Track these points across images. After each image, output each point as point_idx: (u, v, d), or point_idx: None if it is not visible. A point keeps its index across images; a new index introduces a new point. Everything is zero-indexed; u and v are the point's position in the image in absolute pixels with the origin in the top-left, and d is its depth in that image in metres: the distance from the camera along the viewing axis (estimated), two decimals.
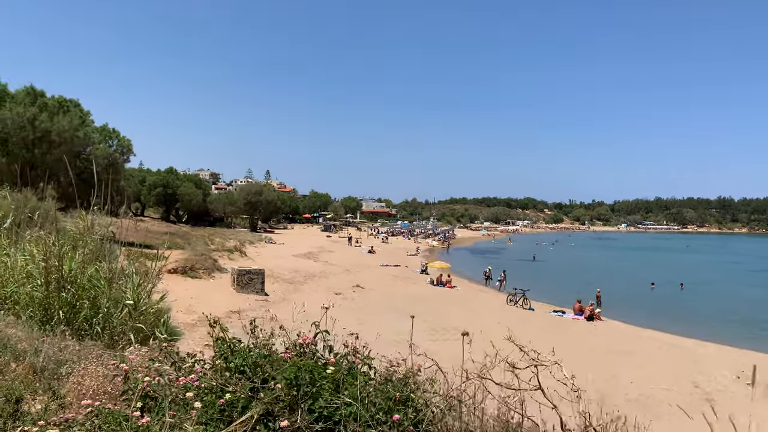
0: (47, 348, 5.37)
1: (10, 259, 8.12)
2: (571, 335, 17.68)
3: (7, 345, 5.12)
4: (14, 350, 4.99)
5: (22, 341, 5.59)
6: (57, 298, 7.35)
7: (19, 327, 6.53)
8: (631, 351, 15.90)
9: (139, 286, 7.75)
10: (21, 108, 24.51)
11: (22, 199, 13.80)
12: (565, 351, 15.20)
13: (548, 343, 15.94)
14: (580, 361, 14.10)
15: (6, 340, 5.15)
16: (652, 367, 13.89)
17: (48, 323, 7.39)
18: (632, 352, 15.78)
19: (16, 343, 5.32)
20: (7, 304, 7.72)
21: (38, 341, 5.80)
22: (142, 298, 7.70)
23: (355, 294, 24.21)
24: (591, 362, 13.90)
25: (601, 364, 13.85)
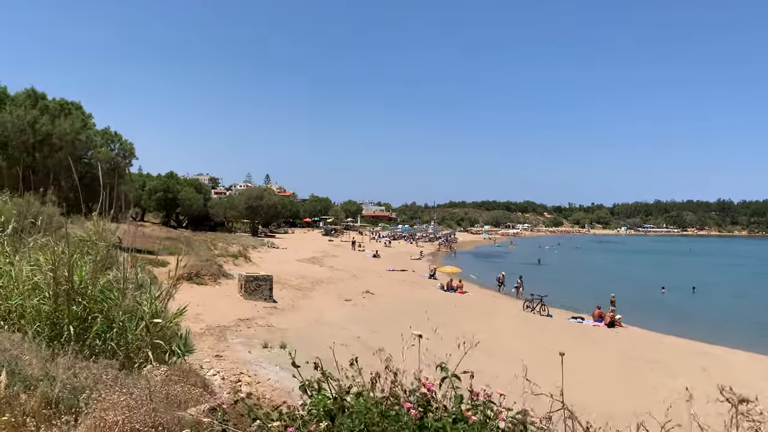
0: (61, 373, 4.71)
1: (14, 269, 7.45)
2: (597, 344, 17.03)
3: (15, 370, 4.46)
4: (24, 377, 4.32)
5: (32, 364, 4.93)
6: (67, 311, 6.69)
7: (25, 346, 5.87)
8: (661, 360, 15.26)
9: (156, 298, 7.10)
10: (21, 111, 23.87)
11: (24, 204, 13.15)
12: (596, 362, 14.50)
13: (577, 354, 15.29)
14: (613, 372, 13.54)
15: (14, 365, 4.48)
16: (688, 377, 13.27)
17: (57, 340, 6.73)
18: (661, 361, 15.15)
19: (25, 367, 4.66)
20: (11, 319, 7.06)
21: (50, 364, 5.14)
22: (160, 310, 7.05)
23: (366, 300, 23.54)
24: (624, 373, 13.30)
25: (634, 375, 13.24)
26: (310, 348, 15.64)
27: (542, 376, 11.01)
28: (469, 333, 15.88)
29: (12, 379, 4.10)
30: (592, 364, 14.22)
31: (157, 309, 6.99)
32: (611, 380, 12.86)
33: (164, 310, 7.13)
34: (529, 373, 8.25)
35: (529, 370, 10.75)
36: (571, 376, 11.48)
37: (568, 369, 10.99)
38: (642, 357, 15.37)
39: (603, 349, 16.38)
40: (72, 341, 6.56)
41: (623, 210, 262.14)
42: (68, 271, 6.73)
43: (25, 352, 5.61)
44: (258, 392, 10.25)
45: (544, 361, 14.22)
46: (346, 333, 17.44)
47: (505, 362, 13.90)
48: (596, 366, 14.13)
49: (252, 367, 13.35)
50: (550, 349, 16.35)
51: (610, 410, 11.17)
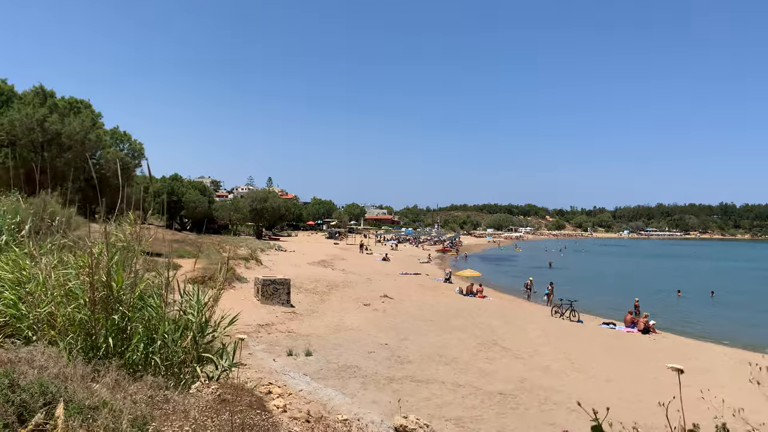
0: (120, 400, 3.96)
1: (42, 273, 6.69)
2: (639, 352, 16.24)
3: (62, 394, 3.69)
4: (78, 406, 3.56)
5: (76, 386, 4.16)
6: (105, 321, 5.92)
7: (62, 361, 5.11)
8: (707, 368, 14.49)
9: (205, 306, 6.36)
10: (30, 109, 23.11)
11: (40, 204, 12.42)
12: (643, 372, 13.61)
13: (620, 363, 14.36)
14: (664, 383, 12.72)
15: (62, 390, 3.72)
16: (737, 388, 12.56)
17: (92, 352, 5.98)
18: (708, 370, 14.38)
19: (77, 391, 3.89)
20: (41, 329, 6.30)
21: (101, 388, 4.39)
22: (210, 320, 6.31)
23: (386, 305, 22.76)
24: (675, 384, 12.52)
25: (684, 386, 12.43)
26: (338, 356, 14.93)
27: (616, 393, 9.76)
28: (503, 341, 15.01)
29: (68, 409, 3.36)
30: (640, 375, 13.46)
31: (206, 318, 6.26)
32: (665, 393, 12.07)
33: (212, 320, 6.40)
34: (603, 392, 7.16)
35: (601, 388, 9.66)
36: (623, 388, 10.53)
37: (621, 381, 9.99)
38: (685, 366, 14.56)
39: (646, 358, 15.59)
40: (115, 355, 5.82)
41: (625, 213, 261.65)
42: (107, 276, 5.97)
43: (65, 370, 4.86)
44: (292, 405, 9.49)
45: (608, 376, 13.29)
46: (372, 340, 16.70)
47: (575, 381, 13.11)
48: (645, 376, 13.36)
49: (280, 376, 12.59)
50: (588, 356, 15.54)
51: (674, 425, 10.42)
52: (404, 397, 11.49)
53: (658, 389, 12.06)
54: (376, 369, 13.69)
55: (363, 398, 11.44)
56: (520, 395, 11.67)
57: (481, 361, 14.47)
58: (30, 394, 3.46)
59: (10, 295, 6.27)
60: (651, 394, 11.66)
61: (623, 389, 12.23)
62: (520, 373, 13.31)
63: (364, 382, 12.57)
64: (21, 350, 4.98)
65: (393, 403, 11.19)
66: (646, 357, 15.58)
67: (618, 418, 6.13)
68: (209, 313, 6.25)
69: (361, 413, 10.38)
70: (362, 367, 13.89)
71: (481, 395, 11.63)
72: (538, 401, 11.31)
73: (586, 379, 12.97)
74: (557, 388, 12.19)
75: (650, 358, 15.42)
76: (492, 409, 10.87)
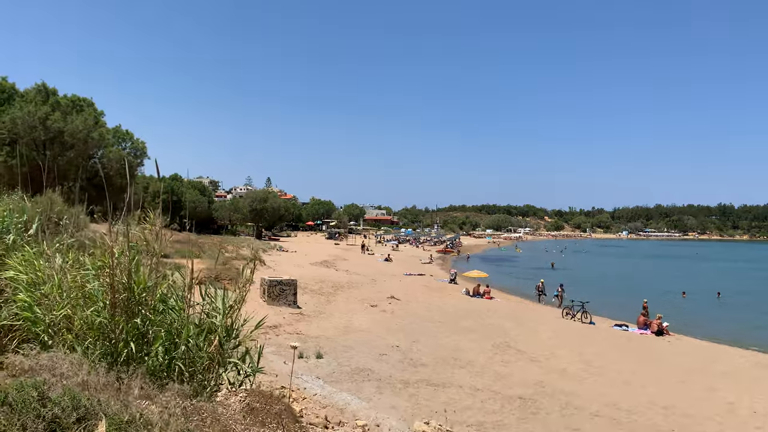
0: (156, 414, 3.65)
1: (57, 274, 6.37)
2: (656, 355, 15.95)
3: (96, 408, 3.38)
4: (112, 418, 3.26)
5: (108, 398, 3.85)
6: (126, 325, 5.61)
7: (85, 369, 4.81)
8: (727, 372, 14.22)
9: (231, 308, 6.05)
10: (32, 107, 22.73)
11: (47, 203, 12.10)
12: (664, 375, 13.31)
13: (640, 366, 14.03)
14: (687, 387, 12.46)
15: (96, 403, 3.41)
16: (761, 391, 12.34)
17: (112, 357, 5.67)
18: (728, 374, 14.12)
19: (107, 403, 3.58)
20: (56, 333, 5.99)
21: (134, 399, 4.08)
22: (236, 324, 6.01)
23: (394, 306, 22.46)
24: (698, 388, 12.28)
25: (708, 390, 12.23)
26: (349, 358, 14.62)
27: (647, 398, 9.36)
28: (517, 343, 14.70)
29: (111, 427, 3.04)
30: (662, 379, 13.19)
31: (233, 322, 5.96)
32: (688, 397, 11.83)
33: (238, 323, 6.10)
34: (629, 397, 6.81)
35: (624, 392, 9.24)
36: (652, 393, 10.15)
37: (640, 384, 9.60)
38: (706, 369, 14.32)
39: (664, 361, 15.30)
40: (135, 361, 5.51)
41: (624, 214, 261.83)
42: (127, 276, 5.67)
43: (89, 378, 4.55)
44: (308, 410, 9.19)
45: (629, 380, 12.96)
46: (382, 342, 16.41)
47: (595, 384, 12.80)
48: (668, 380, 13.08)
49: (289, 379, 12.31)
50: (605, 359, 15.25)
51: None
52: (422, 402, 11.20)
53: (687, 394, 11.83)
54: (389, 372, 13.40)
55: (380, 403, 11.13)
56: (540, 399, 11.38)
57: (496, 364, 14.18)
58: (61, 407, 3.16)
59: (24, 297, 5.96)
60: (683, 400, 11.42)
61: (654, 395, 11.92)
62: (537, 377, 13.03)
63: (379, 385, 12.27)
64: (41, 357, 4.68)
65: (411, 407, 10.91)
66: (665, 360, 15.30)
67: (660, 428, 5.75)
68: (234, 316, 5.96)
69: (380, 418, 10.08)
70: (375, 370, 13.59)
71: (500, 399, 11.35)
72: (559, 406, 11.03)
73: (606, 382, 12.69)
74: (577, 392, 11.91)
75: (669, 361, 15.15)
76: (513, 414, 10.58)
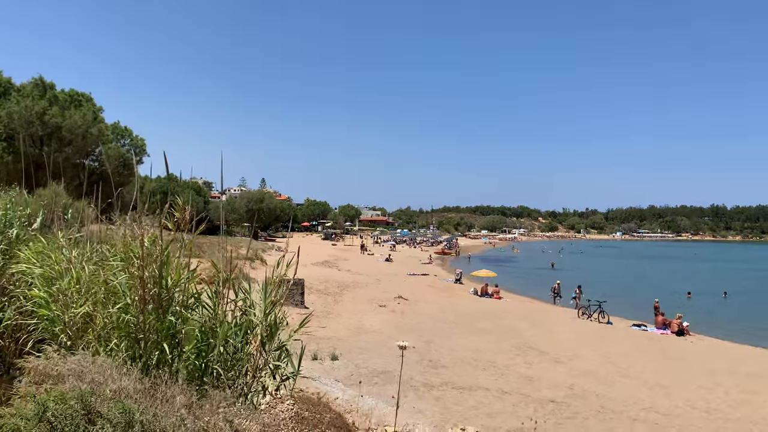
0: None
1: (74, 268, 5.74)
2: (682, 356, 15.45)
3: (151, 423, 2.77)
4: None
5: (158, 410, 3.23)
6: (158, 323, 4.99)
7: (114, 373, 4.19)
8: (755, 373, 13.76)
9: (273, 305, 5.46)
10: (29, 101, 21.94)
11: (51, 196, 11.42)
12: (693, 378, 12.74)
13: (667, 367, 13.36)
14: (721, 390, 11.94)
15: (152, 417, 2.79)
16: None
17: (140, 360, 5.05)
18: (757, 375, 13.67)
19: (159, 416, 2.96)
20: (73, 332, 5.36)
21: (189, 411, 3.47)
22: (279, 322, 5.41)
23: (403, 306, 21.87)
24: (731, 390, 11.78)
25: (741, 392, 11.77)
26: (365, 360, 14.00)
27: (674, 399, 8.57)
28: (537, 344, 14.00)
29: None
30: (694, 381, 12.67)
31: (276, 319, 5.37)
32: (728, 400, 11.32)
33: (282, 321, 5.51)
34: (664, 401, 6.15)
35: (659, 395, 8.43)
36: (679, 393, 9.41)
37: (672, 385, 8.81)
38: (734, 370, 13.84)
39: (691, 362, 14.80)
40: (170, 363, 4.89)
41: (617, 215, 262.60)
42: (159, 269, 5.05)
43: (125, 385, 3.93)
44: None
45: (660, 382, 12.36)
46: (395, 342, 15.80)
47: (627, 387, 12.23)
48: (701, 382, 12.58)
49: (309, 382, 11.68)
50: (631, 360, 14.72)
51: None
52: (450, 406, 10.63)
53: (725, 397, 11.33)
54: (410, 374, 12.82)
55: (405, 407, 10.52)
56: (573, 403, 10.82)
57: (520, 365, 13.62)
58: (112, 424, 2.55)
59: (40, 293, 5.33)
60: (722, 403, 10.91)
61: (690, 397, 11.40)
62: (565, 379, 12.47)
63: (401, 388, 11.66)
64: (68, 361, 4.05)
65: (439, 412, 10.34)
66: (691, 361, 14.80)
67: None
68: (277, 313, 5.36)
69: (411, 424, 9.43)
70: (394, 372, 13.01)
71: (532, 403, 10.78)
72: (595, 409, 10.47)
73: (638, 385, 12.15)
74: (610, 395, 11.36)
75: (696, 361, 14.66)
76: (548, 418, 10.01)
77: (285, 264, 6.51)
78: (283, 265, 6.50)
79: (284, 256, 6.51)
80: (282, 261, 6.45)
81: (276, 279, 6.44)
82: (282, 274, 6.55)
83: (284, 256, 6.51)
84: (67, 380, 3.75)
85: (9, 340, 6.67)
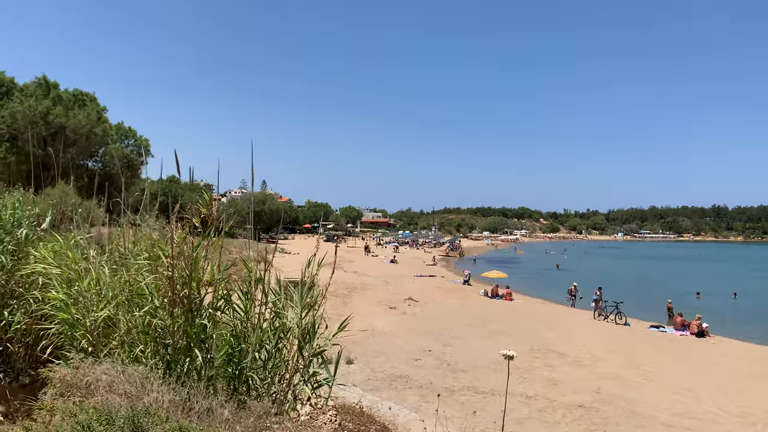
0: None
1: (93, 267, 5.37)
2: (707, 358, 15.07)
3: None
4: None
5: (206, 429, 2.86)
6: (189, 327, 4.62)
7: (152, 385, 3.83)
8: None
9: (310, 307, 5.11)
10: (33, 101, 21.58)
11: (59, 195, 11.07)
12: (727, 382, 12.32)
13: (694, 371, 12.93)
14: (763, 394, 11.65)
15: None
16: None
17: (169, 367, 4.69)
18: None
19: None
20: (93, 338, 4.99)
21: None
22: (318, 326, 5.05)
23: (414, 308, 21.49)
24: None
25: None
26: (381, 364, 13.61)
27: (705, 404, 8.01)
28: (556, 346, 13.51)
29: None
30: (724, 385, 12.29)
31: (314, 323, 5.01)
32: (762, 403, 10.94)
33: (318, 325, 5.14)
34: (698, 403, 5.71)
35: (689, 400, 7.82)
36: (710, 397, 8.91)
37: (702, 389, 8.32)
38: (763, 372, 13.46)
39: (715, 364, 14.43)
40: (199, 370, 4.51)
41: (619, 216, 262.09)
42: (189, 269, 4.67)
43: (161, 396, 3.56)
44: None
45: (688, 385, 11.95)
46: (412, 346, 15.45)
47: (655, 391, 11.80)
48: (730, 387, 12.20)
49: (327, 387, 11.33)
50: (656, 363, 14.32)
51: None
52: (473, 412, 10.23)
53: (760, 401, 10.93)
54: (428, 379, 12.43)
55: (428, 412, 10.12)
56: (602, 408, 10.44)
57: (541, 368, 13.24)
58: None
59: (60, 295, 4.94)
60: (757, 408, 10.52)
61: (723, 402, 11.01)
62: (590, 382, 12.09)
63: (421, 393, 11.29)
64: (96, 370, 3.67)
65: (465, 418, 9.94)
66: (716, 363, 14.42)
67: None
68: (316, 315, 5.00)
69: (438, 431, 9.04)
70: (413, 376, 12.63)
71: (559, 408, 10.40)
72: (626, 415, 10.09)
73: (665, 388, 11.77)
74: (638, 400, 10.98)
75: (721, 364, 14.28)
76: (578, 424, 9.63)
77: (316, 263, 6.15)
78: (315, 264, 6.15)
79: (315, 255, 6.15)
80: (313, 260, 6.10)
81: (307, 280, 6.09)
82: (314, 274, 6.20)
83: (315, 255, 6.15)
84: (97, 392, 3.38)
85: (18, 345, 6.29)
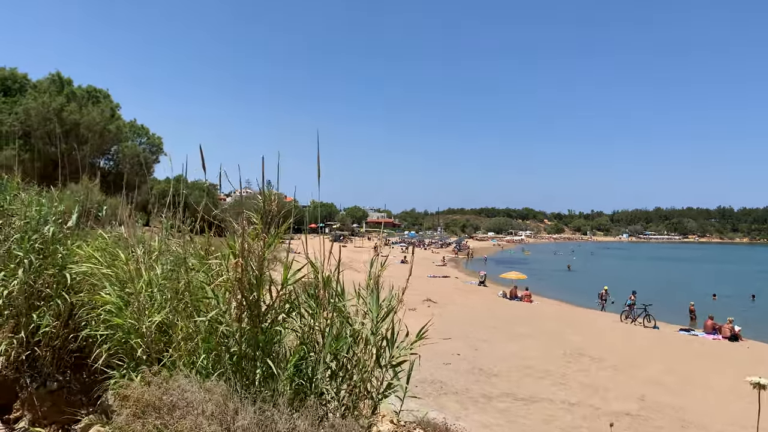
0: None
1: (144, 268, 4.95)
2: (747, 364, 14.64)
3: None
4: None
5: None
6: (262, 335, 4.21)
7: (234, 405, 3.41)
8: None
9: (387, 312, 4.69)
10: (47, 97, 21.20)
11: (85, 191, 10.67)
12: None
13: (732, 375, 12.38)
14: None
15: None
16: None
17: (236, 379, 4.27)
18: None
19: None
20: (151, 346, 4.58)
21: None
22: (397, 333, 4.62)
23: (433, 309, 21.05)
24: None
25: None
26: None
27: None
28: (588, 350, 12.91)
29: None
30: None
31: (393, 330, 4.58)
32: None
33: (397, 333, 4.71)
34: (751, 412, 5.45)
35: (740, 407, 7.11)
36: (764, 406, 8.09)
37: (752, 397, 7.69)
38: None
39: (757, 370, 13.91)
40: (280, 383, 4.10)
41: (623, 217, 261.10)
42: (259, 270, 4.25)
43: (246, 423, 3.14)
44: None
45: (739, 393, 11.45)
46: (439, 348, 15.00)
47: (703, 398, 11.29)
48: None
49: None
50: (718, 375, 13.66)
51: None
52: (517, 419, 9.80)
53: None
54: (463, 384, 11.99)
55: (470, 420, 9.70)
56: (651, 416, 9.99)
57: (577, 373, 12.79)
58: None
59: (112, 297, 4.53)
60: None
61: None
62: (632, 389, 11.63)
63: (458, 399, 10.86)
64: (173, 387, 3.24)
65: (508, 426, 9.50)
66: (757, 369, 13.93)
67: None
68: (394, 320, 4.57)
69: None
70: (445, 381, 12.19)
71: (604, 416, 9.95)
72: (678, 424, 9.64)
73: (712, 395, 11.33)
74: (687, 407, 10.53)
75: (762, 370, 13.78)
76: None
77: (380, 264, 5.71)
78: (378, 264, 5.70)
79: (378, 256, 5.70)
80: (376, 261, 5.65)
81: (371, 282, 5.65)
82: (377, 275, 5.76)
83: (378, 256, 5.70)
84: (185, 414, 2.96)
85: (46, 350, 5.92)
